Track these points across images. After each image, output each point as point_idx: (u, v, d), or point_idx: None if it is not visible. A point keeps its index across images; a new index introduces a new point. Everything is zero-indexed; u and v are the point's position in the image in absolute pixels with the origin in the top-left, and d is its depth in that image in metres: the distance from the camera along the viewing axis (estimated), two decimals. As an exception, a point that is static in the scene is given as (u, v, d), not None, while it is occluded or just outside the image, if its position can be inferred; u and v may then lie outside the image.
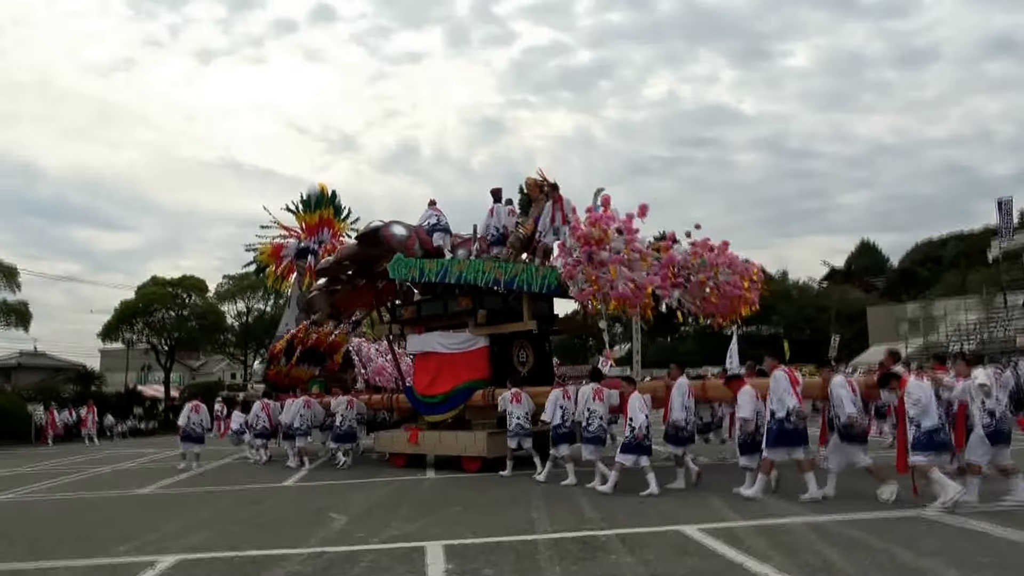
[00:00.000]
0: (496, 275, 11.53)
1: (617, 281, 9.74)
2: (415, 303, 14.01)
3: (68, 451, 22.12)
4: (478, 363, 12.30)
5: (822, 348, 30.20)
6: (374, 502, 9.05)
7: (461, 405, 12.31)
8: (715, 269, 11.29)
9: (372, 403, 15.06)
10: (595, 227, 10.03)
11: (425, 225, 13.80)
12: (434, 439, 12.45)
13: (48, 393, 33.56)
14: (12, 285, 32.21)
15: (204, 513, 8.86)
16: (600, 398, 9.51)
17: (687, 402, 9.31)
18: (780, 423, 7.97)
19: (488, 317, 12.28)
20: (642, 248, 10.25)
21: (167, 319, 37.31)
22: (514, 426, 10.63)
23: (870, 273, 55.49)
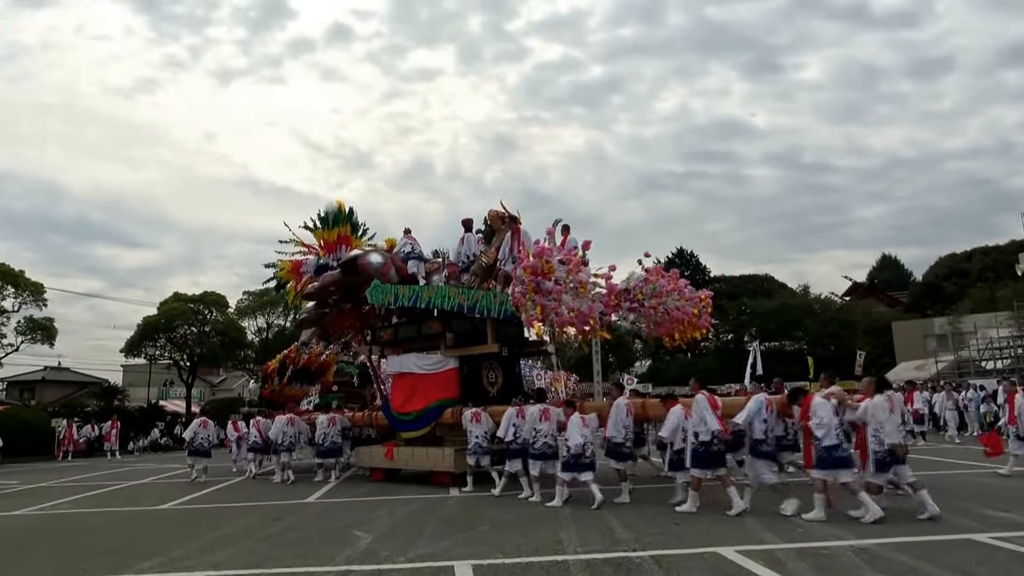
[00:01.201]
0: (460, 301, 12.27)
1: (561, 308, 10.48)
2: (392, 326, 14.67)
3: (91, 466, 22.20)
4: (448, 383, 12.97)
5: (848, 364, 29.61)
6: (398, 519, 8.88)
7: (433, 423, 12.92)
8: (666, 296, 12.22)
9: (355, 420, 15.68)
10: (540, 259, 10.85)
11: (401, 253, 14.55)
12: (407, 454, 13.20)
13: (72, 408, 33.88)
14: (38, 302, 32.65)
15: (228, 529, 8.74)
16: (546, 418, 10.17)
17: (625, 421, 9.95)
18: (705, 444, 8.54)
19: (457, 340, 13.03)
20: (584, 279, 10.98)
21: (189, 335, 37.54)
22: (473, 444, 11.24)
23: (893, 287, 54.70)
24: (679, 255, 55.13)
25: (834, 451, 7.68)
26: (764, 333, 44.04)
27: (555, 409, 10.41)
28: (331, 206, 18.85)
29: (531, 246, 12.20)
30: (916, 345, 36.27)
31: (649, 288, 12.15)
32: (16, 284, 31.50)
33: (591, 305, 10.88)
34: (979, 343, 30.87)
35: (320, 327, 16.90)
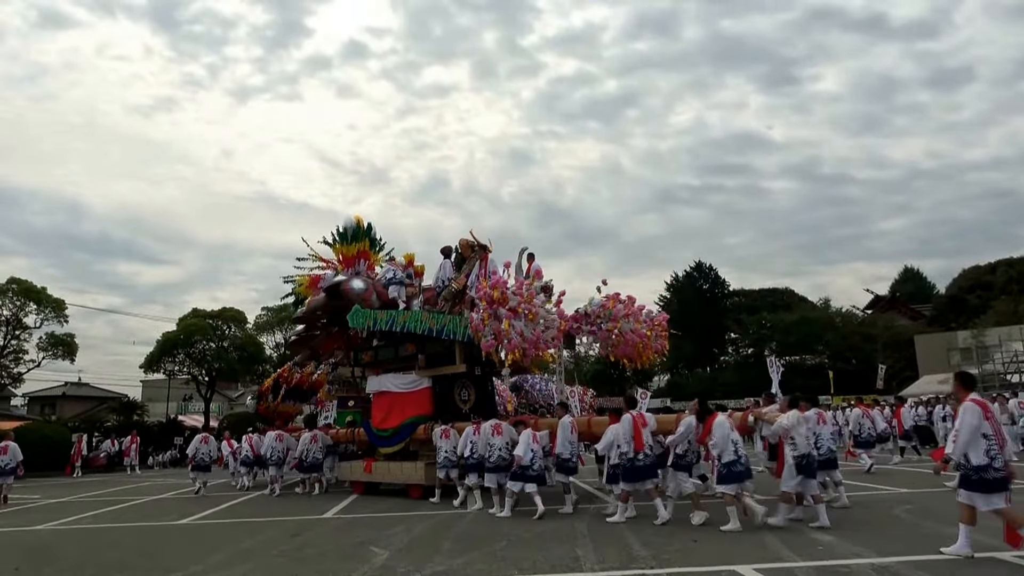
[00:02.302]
0: (431, 325, 13.15)
1: (512, 334, 11.48)
2: (373, 348, 15.44)
3: (111, 480, 22.38)
4: (422, 401, 13.87)
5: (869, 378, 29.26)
6: (415, 536, 8.88)
7: (407, 438, 13.69)
8: (621, 320, 13.26)
9: (338, 437, 16.45)
10: (495, 289, 11.91)
11: (383, 279, 15.31)
12: (384, 468, 14.08)
13: (92, 423, 34.23)
14: (60, 318, 33.11)
15: (245, 544, 8.79)
16: (498, 432, 11.02)
17: (571, 438, 10.64)
18: (631, 460, 9.20)
19: (429, 361, 13.97)
20: (535, 308, 11.92)
21: (207, 350, 37.85)
22: (442, 459, 12.07)
23: (915, 300, 53.89)
24: (697, 268, 54.85)
25: (733, 466, 8.38)
26: (784, 347, 43.69)
27: (507, 425, 11.30)
28: (350, 221, 19.02)
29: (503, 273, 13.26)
30: (939, 359, 35.68)
31: (606, 312, 13.36)
32: (38, 301, 32.00)
33: (538, 332, 11.90)
34: (1004, 356, 30.40)
35: (310, 348, 17.77)
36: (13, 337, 31.79)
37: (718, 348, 54.11)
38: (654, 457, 9.46)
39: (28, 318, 32.10)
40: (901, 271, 63.22)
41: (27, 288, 31.66)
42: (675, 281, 55.07)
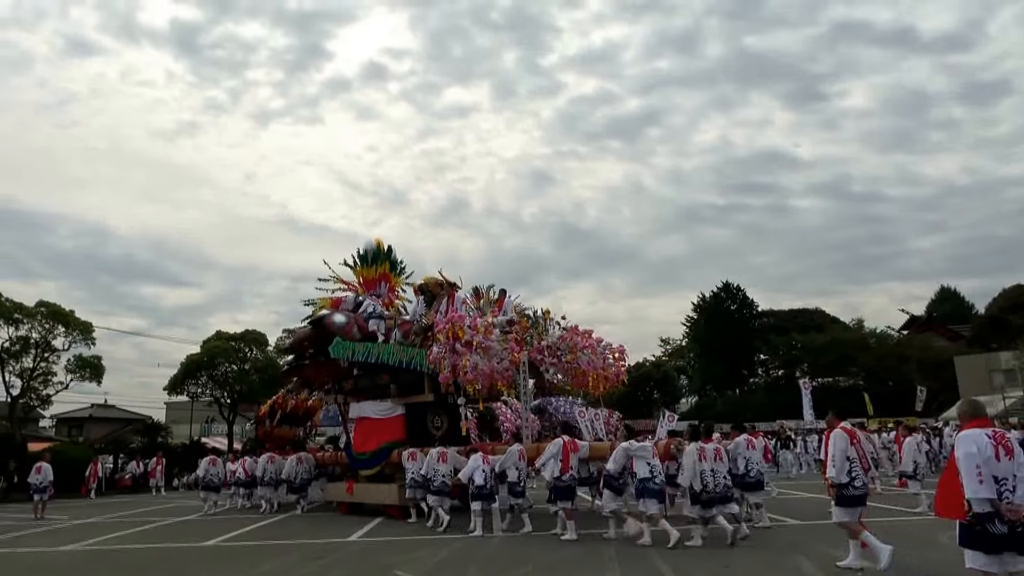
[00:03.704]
0: (401, 357, 14.33)
1: (467, 367, 12.60)
2: (354, 377, 16.28)
3: (137, 502, 22.50)
4: (396, 427, 14.85)
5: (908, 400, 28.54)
6: (441, 560, 8.77)
7: (383, 462, 14.61)
8: (579, 352, 14.37)
9: (324, 459, 17.67)
10: (452, 324, 13.08)
11: (364, 313, 15.99)
12: (363, 490, 15.15)
13: (117, 444, 34.49)
14: (87, 340, 33.51)
15: (269, 567, 8.74)
16: (444, 460, 12.11)
17: (519, 464, 11.37)
18: (556, 479, 10.27)
19: (401, 390, 14.92)
20: (492, 342, 13.04)
21: (229, 372, 38.08)
22: (410, 480, 12.88)
23: (953, 320, 52.30)
24: (725, 289, 54.21)
25: (648, 483, 9.26)
26: (816, 368, 42.93)
27: (452, 453, 12.38)
28: (370, 244, 19.19)
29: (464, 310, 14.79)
30: (980, 380, 34.62)
31: (565, 345, 14.60)
32: (66, 323, 32.38)
33: (493, 364, 12.95)
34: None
35: (301, 376, 18.45)
36: (42, 360, 32.21)
37: (747, 370, 53.30)
38: (577, 480, 10.64)
39: (56, 340, 32.51)
40: (937, 291, 61.36)
41: (56, 311, 32.09)
42: (702, 301, 54.50)
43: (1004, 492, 4.72)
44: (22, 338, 31.19)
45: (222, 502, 18.05)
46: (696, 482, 9.04)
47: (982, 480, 4.71)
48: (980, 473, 4.73)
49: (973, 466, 4.76)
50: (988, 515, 4.70)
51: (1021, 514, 4.65)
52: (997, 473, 4.75)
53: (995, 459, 4.78)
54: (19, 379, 31.60)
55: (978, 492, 4.70)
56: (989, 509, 4.69)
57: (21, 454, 26.72)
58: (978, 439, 4.87)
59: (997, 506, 4.67)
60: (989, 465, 4.75)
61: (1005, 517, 4.64)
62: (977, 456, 4.78)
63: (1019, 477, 4.76)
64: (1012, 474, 4.77)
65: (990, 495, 4.69)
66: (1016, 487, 4.74)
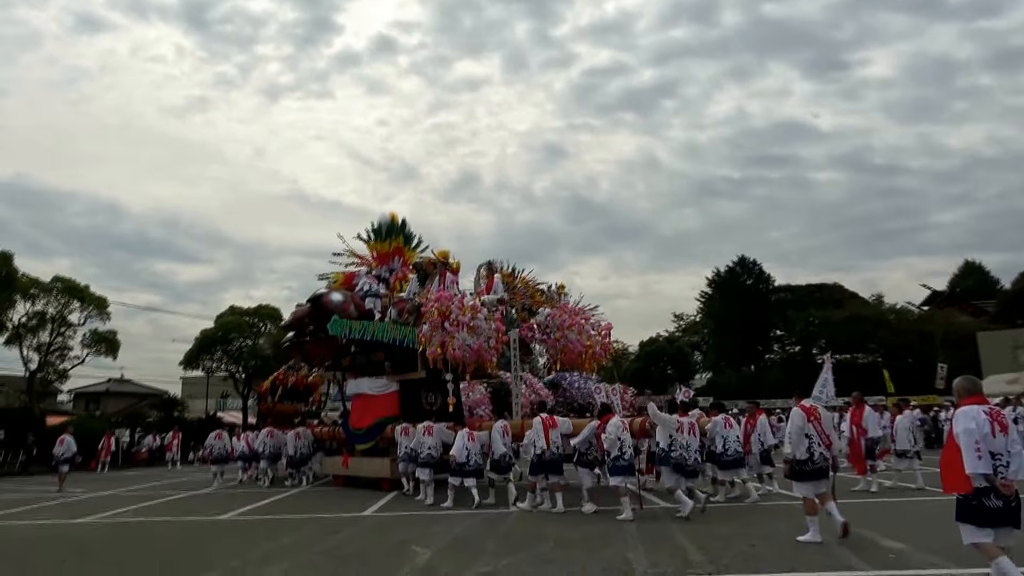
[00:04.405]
0: (394, 335, 14.82)
1: (454, 345, 13.18)
2: (351, 354, 16.68)
3: (154, 475, 22.65)
4: (391, 403, 15.33)
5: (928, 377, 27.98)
6: (457, 535, 8.61)
7: (378, 436, 15.03)
8: (566, 329, 14.92)
9: (322, 435, 18.11)
10: (439, 303, 13.63)
11: (359, 292, 16.49)
12: (358, 463, 15.64)
13: (134, 418, 34.78)
14: (102, 315, 33.66)
15: (285, 541, 8.62)
16: (429, 433, 12.57)
17: (505, 440, 11.72)
18: (538, 456, 10.60)
19: (395, 367, 15.49)
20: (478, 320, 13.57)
21: (244, 347, 38.19)
22: (403, 454, 13.30)
23: (977, 296, 51.04)
24: (740, 263, 53.45)
25: (618, 461, 9.54)
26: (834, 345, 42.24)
27: (438, 427, 12.75)
28: (384, 218, 18.98)
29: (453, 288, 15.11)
30: (1004, 357, 33.76)
31: (554, 323, 15.13)
32: (82, 298, 32.52)
33: (480, 343, 13.49)
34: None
35: (302, 353, 18.79)
36: (58, 335, 32.40)
37: (762, 346, 52.67)
38: (559, 455, 10.82)
39: (72, 315, 32.68)
40: (961, 265, 59.77)
41: (71, 286, 32.22)
42: (717, 276, 53.88)
43: (999, 467, 4.88)
44: (38, 313, 31.37)
45: (229, 475, 18.54)
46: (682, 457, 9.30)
47: (980, 456, 4.84)
48: (979, 449, 4.86)
49: (972, 442, 4.89)
50: (984, 490, 4.84)
51: (1013, 489, 4.82)
52: (993, 449, 4.90)
53: (991, 435, 4.93)
54: (36, 354, 31.85)
55: (977, 467, 4.83)
56: (985, 484, 4.84)
57: (40, 428, 26.98)
58: (976, 415, 4.99)
59: (992, 481, 4.81)
60: (986, 441, 4.89)
61: (1000, 492, 4.78)
62: (976, 432, 4.91)
63: (1013, 453, 4.93)
64: (1006, 450, 4.93)
65: (987, 470, 4.82)
66: (1010, 463, 4.90)
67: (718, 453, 10.86)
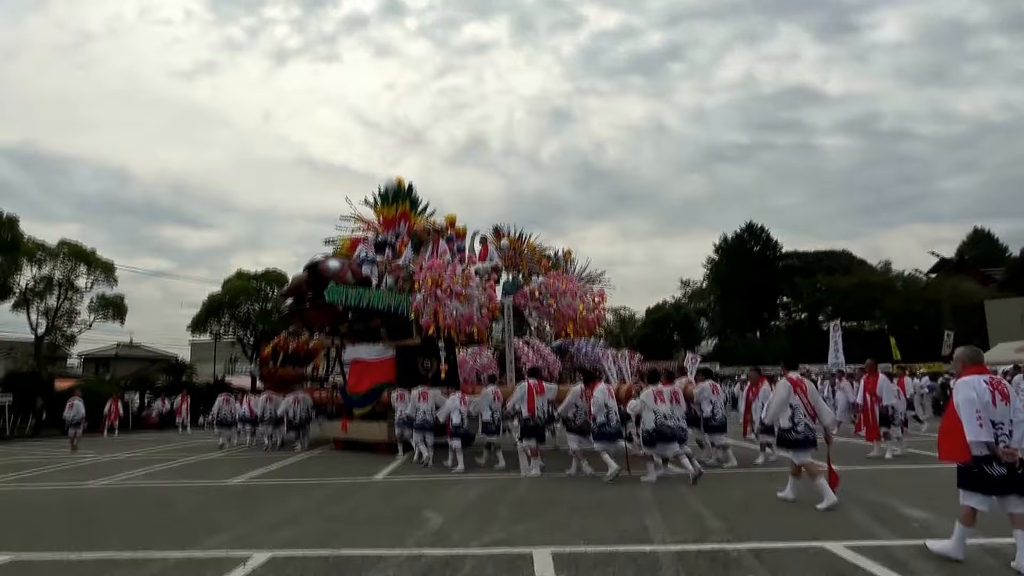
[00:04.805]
0: (389, 302, 14.92)
1: (445, 313, 13.41)
2: (349, 321, 16.73)
3: (163, 439, 22.76)
4: (387, 369, 15.59)
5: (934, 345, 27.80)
6: (469, 501, 8.52)
7: (374, 402, 15.34)
8: (559, 296, 15.14)
9: (320, 399, 18.30)
10: (431, 271, 13.80)
11: (357, 259, 16.59)
12: (356, 427, 15.97)
13: (143, 382, 34.95)
14: (109, 280, 33.64)
15: (295, 506, 8.56)
16: (424, 398, 12.74)
17: (494, 405, 11.88)
18: (525, 421, 10.85)
19: (391, 334, 15.65)
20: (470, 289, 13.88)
21: (251, 312, 38.20)
22: (399, 419, 13.53)
23: (985, 264, 50.53)
24: (748, 230, 53.01)
25: (604, 427, 9.81)
26: (841, 312, 41.97)
27: (433, 392, 12.88)
28: (391, 183, 18.76)
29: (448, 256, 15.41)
30: (1012, 325, 33.38)
31: (547, 290, 15.36)
32: (88, 263, 32.48)
33: (471, 311, 13.74)
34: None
35: (302, 319, 18.89)
36: (66, 299, 32.42)
37: (769, 312, 52.52)
38: (545, 421, 11.16)
39: (79, 280, 32.67)
40: (970, 233, 59.22)
41: (77, 250, 32.15)
42: (724, 243, 53.47)
43: (1001, 436, 5.00)
44: (45, 277, 31.35)
45: (234, 438, 18.83)
46: (647, 421, 9.43)
47: (981, 424, 4.96)
48: (980, 417, 4.98)
49: (973, 411, 5.00)
50: (986, 458, 4.98)
51: (1016, 456, 4.92)
52: (994, 418, 5.02)
53: (992, 404, 5.04)
54: (44, 318, 31.91)
55: (978, 435, 4.95)
56: (986, 452, 4.97)
57: (48, 392, 27.09)
58: (977, 385, 5.09)
59: (994, 449, 4.93)
60: (987, 410, 5.01)
61: (1002, 459, 4.91)
62: (976, 401, 5.02)
63: (1015, 421, 5.04)
64: (1008, 419, 5.04)
65: (988, 438, 4.95)
66: (1012, 431, 5.02)
67: (705, 418, 11.11)
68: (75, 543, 6.74)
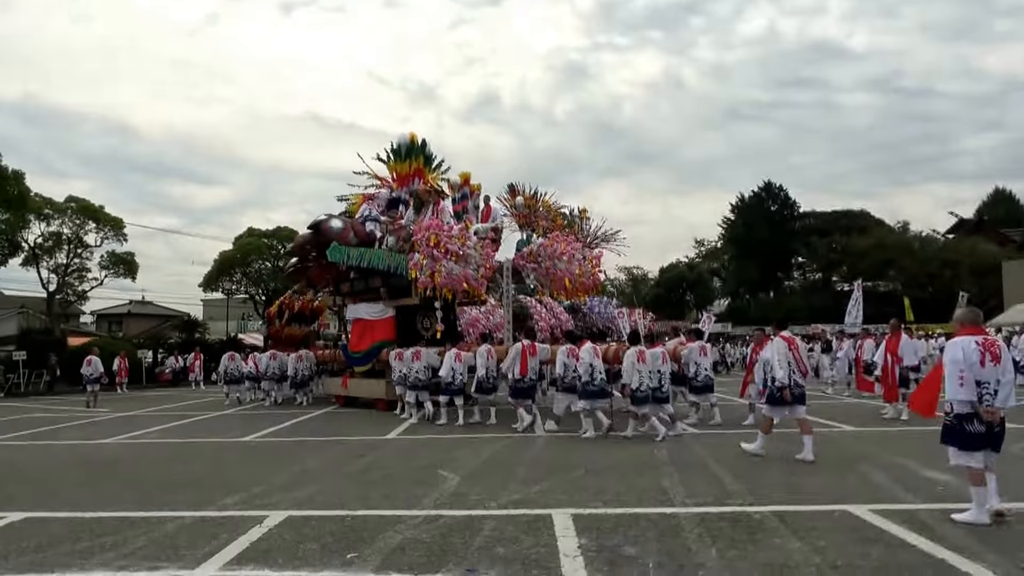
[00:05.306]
0: (389, 262, 15.07)
1: (443, 272, 13.42)
2: (350, 280, 17.14)
3: (177, 395, 22.95)
4: (387, 328, 15.93)
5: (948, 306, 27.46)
6: (485, 460, 8.47)
7: (374, 359, 15.64)
8: (557, 258, 15.21)
9: (323, 357, 18.75)
10: (429, 231, 13.85)
11: (360, 217, 16.75)
12: (356, 384, 16.38)
13: (156, 340, 35.22)
14: (119, 236, 33.61)
15: (309, 464, 8.53)
16: (418, 357, 13.03)
17: (489, 363, 12.02)
18: (517, 381, 11.18)
19: (391, 293, 15.82)
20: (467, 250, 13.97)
21: (263, 270, 38.20)
22: (396, 377, 13.71)
23: (1006, 224, 49.42)
24: (766, 188, 52.17)
25: (588, 386, 10.01)
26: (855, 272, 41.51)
27: (427, 351, 13.17)
28: (403, 139, 18.47)
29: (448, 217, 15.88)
30: (1029, 287, 33.07)
31: (545, 252, 15.47)
32: (97, 219, 32.41)
33: (468, 271, 13.88)
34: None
35: (305, 278, 19.11)
36: (76, 256, 32.46)
37: (783, 272, 52.06)
38: (535, 381, 11.58)
39: (88, 236, 32.66)
40: (991, 193, 58.14)
41: (85, 206, 32.04)
42: (741, 202, 52.75)
43: (985, 395, 5.13)
44: (54, 234, 31.34)
45: (240, 395, 19.24)
46: (634, 381, 9.62)
47: (963, 384, 5.12)
48: (962, 377, 5.13)
49: (956, 371, 5.16)
50: (968, 415, 5.16)
51: (997, 416, 5.13)
52: (980, 377, 5.13)
53: (980, 365, 5.15)
54: (55, 275, 31.99)
55: (957, 394, 5.15)
56: (969, 411, 5.15)
57: (62, 349, 27.29)
58: (966, 346, 5.21)
59: (976, 408, 5.11)
60: (973, 370, 5.13)
61: (984, 418, 5.09)
62: (962, 362, 5.15)
63: (1003, 382, 5.16)
64: (996, 379, 5.16)
65: (969, 398, 5.11)
66: (998, 391, 5.14)
67: (690, 378, 11.38)
68: (89, 502, 6.73)
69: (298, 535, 5.34)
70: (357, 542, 5.09)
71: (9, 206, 27.23)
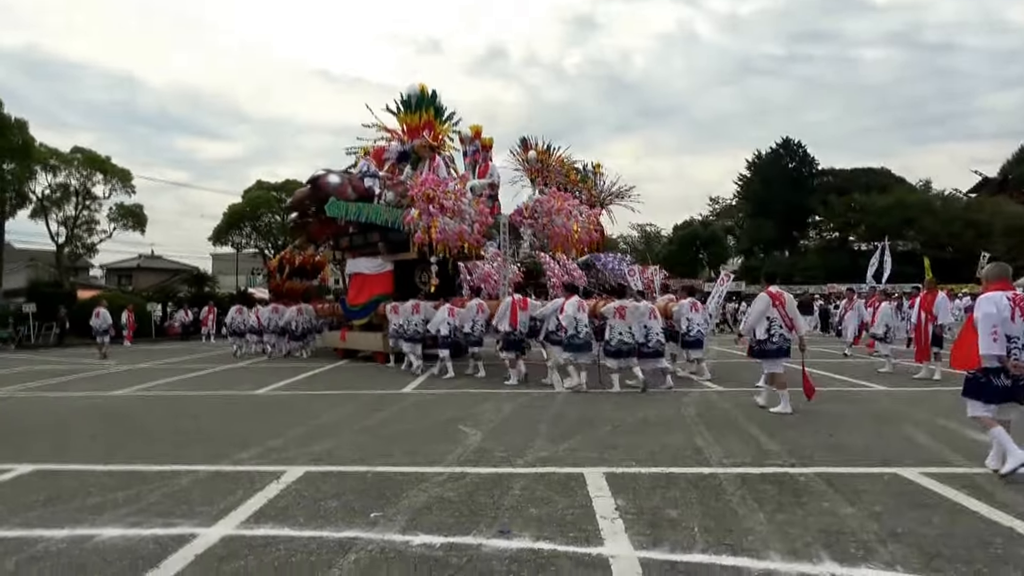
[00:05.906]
0: (387, 217, 15.13)
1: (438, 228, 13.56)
2: (349, 235, 17.29)
3: (188, 348, 22.85)
4: (385, 282, 16.09)
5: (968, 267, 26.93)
6: (506, 416, 8.20)
7: (372, 313, 15.83)
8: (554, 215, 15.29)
9: (323, 311, 19.00)
10: (424, 187, 13.95)
11: (358, 172, 16.78)
12: (355, 337, 16.67)
13: (166, 294, 35.12)
14: (127, 188, 33.21)
15: (325, 418, 8.28)
16: (417, 311, 13.15)
17: (477, 316, 12.26)
18: (507, 334, 11.34)
19: (390, 248, 15.95)
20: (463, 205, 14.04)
21: (273, 223, 37.83)
22: (392, 330, 13.90)
23: (1030, 184, 48.59)
24: (784, 145, 51.01)
25: (573, 339, 10.17)
26: (874, 232, 40.74)
27: (425, 304, 13.29)
28: (413, 89, 17.97)
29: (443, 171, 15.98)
30: (1054, 247, 32.30)
31: (543, 208, 15.51)
32: (104, 171, 31.96)
33: (463, 227, 13.93)
34: None
35: (306, 233, 19.43)
36: (84, 208, 32.13)
37: (799, 231, 51.23)
38: (524, 335, 11.58)
39: (96, 188, 32.27)
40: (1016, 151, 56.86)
41: (92, 158, 31.55)
42: (758, 158, 51.64)
43: (1013, 350, 5.15)
44: (61, 185, 30.96)
45: (246, 348, 19.42)
46: (614, 339, 10.02)
47: (996, 339, 5.11)
48: (995, 332, 5.12)
49: (990, 325, 5.14)
50: (995, 370, 5.18)
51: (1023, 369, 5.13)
52: (1011, 332, 5.15)
53: (1011, 320, 5.16)
54: (64, 228, 31.72)
55: (990, 349, 5.13)
56: (997, 364, 5.16)
57: (71, 302, 27.17)
58: (998, 301, 5.21)
59: (1004, 362, 5.12)
60: (1005, 325, 5.14)
61: (1011, 372, 5.10)
62: (995, 316, 5.14)
63: None
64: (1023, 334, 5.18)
65: (1000, 352, 5.11)
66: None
67: (681, 333, 11.51)
68: (100, 454, 6.50)
69: (318, 492, 5.07)
70: (380, 500, 4.82)
71: (14, 156, 26.77)
